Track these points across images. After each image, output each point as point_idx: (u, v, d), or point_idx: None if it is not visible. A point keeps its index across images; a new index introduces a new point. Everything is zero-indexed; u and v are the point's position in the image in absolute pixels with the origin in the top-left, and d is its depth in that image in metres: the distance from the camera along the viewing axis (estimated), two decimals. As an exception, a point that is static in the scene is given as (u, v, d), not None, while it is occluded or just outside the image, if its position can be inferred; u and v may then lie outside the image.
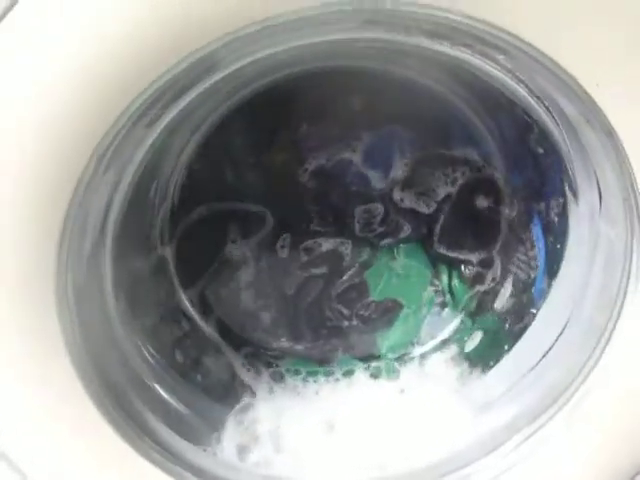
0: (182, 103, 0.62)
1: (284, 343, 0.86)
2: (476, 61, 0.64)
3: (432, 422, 0.76)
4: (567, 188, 0.72)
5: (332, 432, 0.76)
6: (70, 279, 0.58)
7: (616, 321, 0.65)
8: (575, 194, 0.71)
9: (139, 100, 0.54)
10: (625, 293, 0.65)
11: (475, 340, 0.84)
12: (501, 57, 0.62)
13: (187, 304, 0.84)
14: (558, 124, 0.67)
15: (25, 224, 0.54)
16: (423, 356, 0.85)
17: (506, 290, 0.84)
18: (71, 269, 0.58)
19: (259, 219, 0.84)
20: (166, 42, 0.51)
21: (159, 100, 0.58)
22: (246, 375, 0.82)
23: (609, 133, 0.59)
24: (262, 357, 0.84)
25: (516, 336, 0.78)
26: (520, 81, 0.66)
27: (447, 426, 0.75)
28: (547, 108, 0.67)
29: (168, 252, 0.82)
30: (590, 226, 0.69)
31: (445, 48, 0.63)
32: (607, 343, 0.65)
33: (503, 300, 0.83)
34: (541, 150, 0.75)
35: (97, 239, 0.65)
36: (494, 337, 0.82)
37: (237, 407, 0.76)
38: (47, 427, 0.60)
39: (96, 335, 0.64)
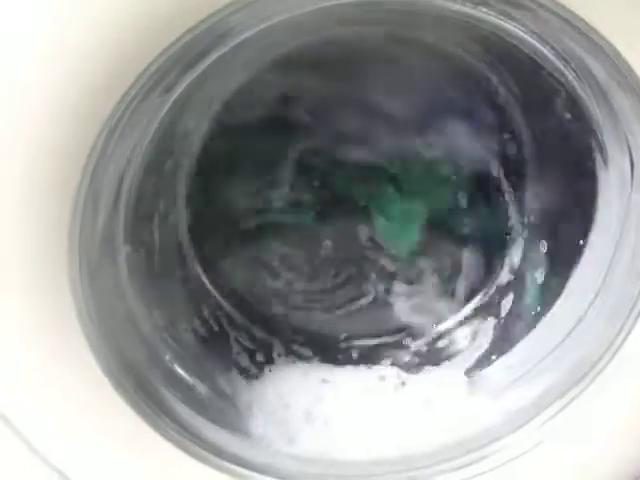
0: (197, 71, 0.61)
1: (307, 318, 0.86)
2: (499, 22, 0.63)
3: (459, 398, 0.75)
4: (596, 155, 0.70)
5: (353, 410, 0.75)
6: (84, 256, 0.57)
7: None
8: (605, 161, 0.69)
9: (152, 67, 0.52)
10: (658, 262, 0.63)
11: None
12: (526, 17, 0.60)
13: (204, 278, 0.83)
14: (587, 88, 0.65)
15: (37, 200, 0.53)
16: (448, 331, 0.84)
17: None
18: (84, 246, 0.57)
19: (277, 190, 0.83)
20: (180, 7, 0.50)
21: (174, 68, 0.57)
22: (267, 352, 0.81)
23: (643, 97, 0.57)
24: (283, 334, 0.83)
25: (547, 307, 0.76)
26: (546, 42, 0.63)
27: (476, 401, 0.74)
28: (575, 71, 0.65)
29: (184, 226, 0.82)
30: (621, 193, 0.68)
31: (467, 9, 0.61)
32: (640, 313, 0.64)
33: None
34: (569, 115, 0.72)
35: (110, 214, 0.64)
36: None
37: (260, 385, 0.76)
38: (63, 406, 0.59)
39: (111, 313, 0.64)
